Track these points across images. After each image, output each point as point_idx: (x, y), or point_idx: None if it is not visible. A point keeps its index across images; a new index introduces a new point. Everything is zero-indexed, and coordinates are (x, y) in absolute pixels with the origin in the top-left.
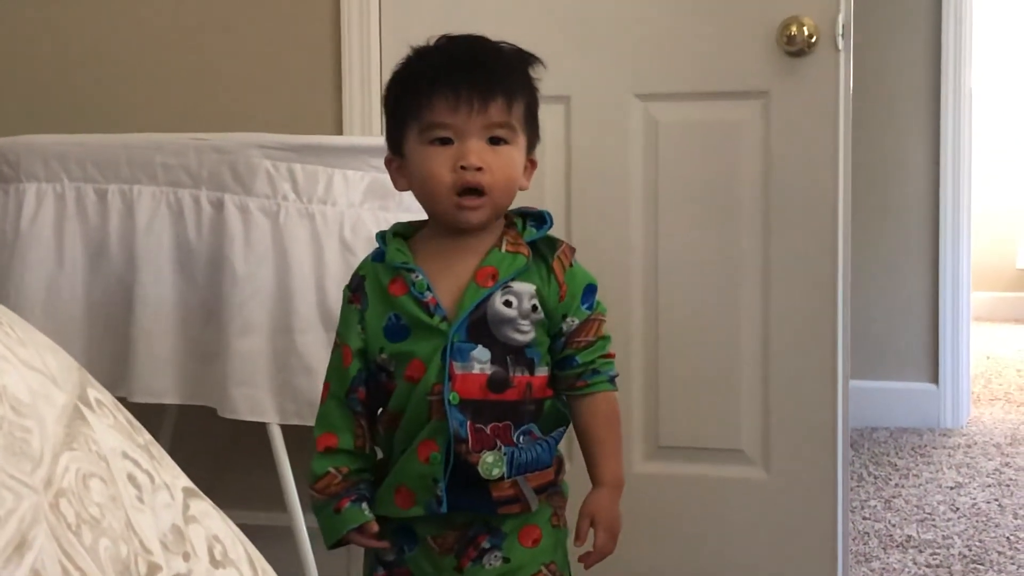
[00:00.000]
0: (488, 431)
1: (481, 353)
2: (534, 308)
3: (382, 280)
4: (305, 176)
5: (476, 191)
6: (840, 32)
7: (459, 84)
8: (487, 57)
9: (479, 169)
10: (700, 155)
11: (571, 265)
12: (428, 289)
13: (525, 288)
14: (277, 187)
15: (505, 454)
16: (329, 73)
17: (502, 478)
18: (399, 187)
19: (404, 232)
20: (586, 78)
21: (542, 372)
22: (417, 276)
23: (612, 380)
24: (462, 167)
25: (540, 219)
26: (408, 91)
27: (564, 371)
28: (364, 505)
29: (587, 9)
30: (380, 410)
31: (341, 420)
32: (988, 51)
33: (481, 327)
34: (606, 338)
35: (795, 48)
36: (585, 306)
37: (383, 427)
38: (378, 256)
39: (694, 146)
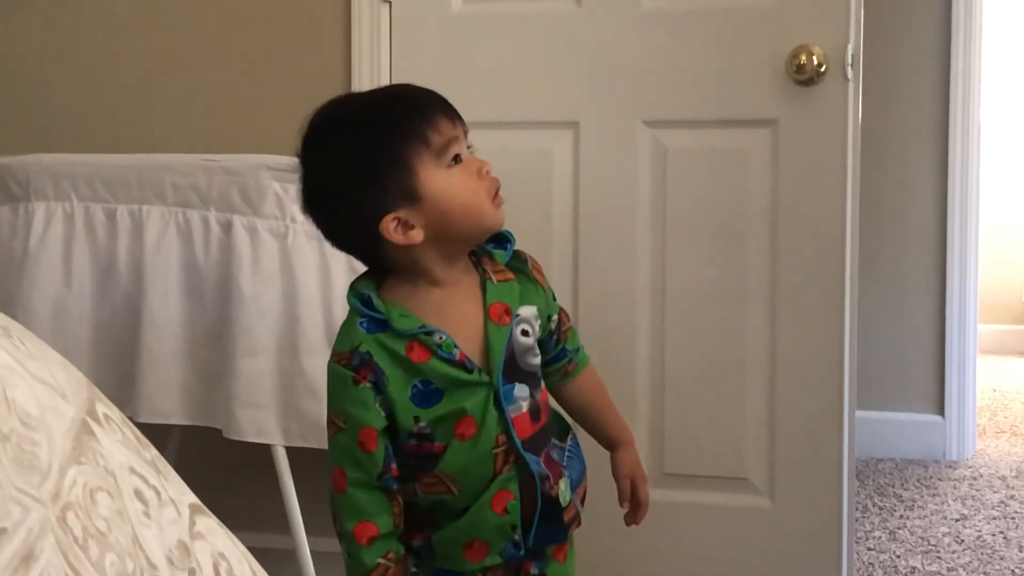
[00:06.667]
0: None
1: (521, 390)
2: (540, 328)
3: (395, 349)
4: None
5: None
6: (849, 62)
7: (440, 102)
8: (415, 86)
9: (489, 171)
10: (708, 183)
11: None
12: (455, 346)
13: (530, 312)
14: (286, 209)
15: (568, 476)
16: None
17: (571, 501)
18: (414, 239)
19: (369, 292)
20: (595, 104)
21: (543, 385)
22: (441, 337)
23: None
24: (486, 172)
25: (501, 239)
26: (404, 127)
27: (557, 363)
28: None
29: (596, 36)
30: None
31: (374, 505)
32: (997, 85)
33: (512, 364)
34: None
35: (804, 77)
36: (554, 299)
37: (424, 489)
38: (373, 326)
39: (702, 174)
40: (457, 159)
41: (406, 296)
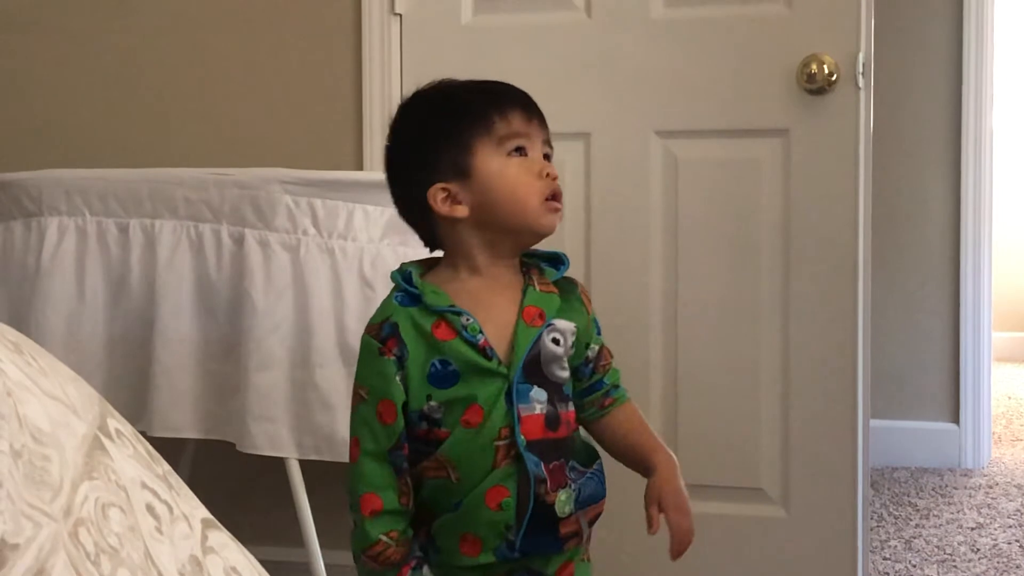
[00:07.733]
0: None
1: (538, 393)
2: (572, 345)
3: (422, 325)
4: (326, 211)
5: (557, 198)
6: (860, 70)
7: (522, 100)
8: (512, 85)
9: (555, 179)
10: (720, 192)
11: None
12: (480, 332)
13: (567, 326)
14: (297, 222)
15: (574, 491)
16: (350, 110)
17: (570, 514)
18: (457, 213)
19: (412, 270)
20: (606, 115)
21: (572, 407)
22: (468, 319)
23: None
24: (547, 174)
25: (556, 259)
26: (474, 110)
27: (591, 395)
28: (425, 570)
29: (607, 46)
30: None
31: (382, 479)
32: (1009, 91)
33: (534, 367)
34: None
35: (815, 86)
36: (598, 333)
37: (426, 474)
38: (407, 300)
39: (714, 183)
40: (521, 151)
41: (445, 280)
